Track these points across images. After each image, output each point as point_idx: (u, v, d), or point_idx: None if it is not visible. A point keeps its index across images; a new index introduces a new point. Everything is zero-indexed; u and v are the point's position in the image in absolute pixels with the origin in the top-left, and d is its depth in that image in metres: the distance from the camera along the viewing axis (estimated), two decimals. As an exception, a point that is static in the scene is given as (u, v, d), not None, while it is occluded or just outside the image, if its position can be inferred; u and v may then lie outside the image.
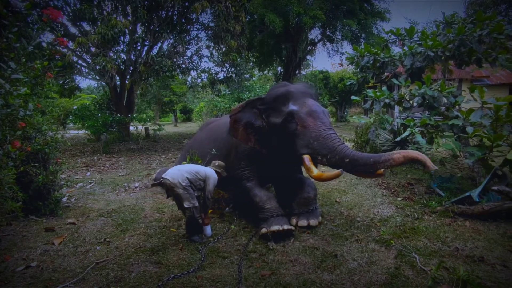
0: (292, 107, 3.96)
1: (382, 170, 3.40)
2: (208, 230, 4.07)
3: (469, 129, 4.56)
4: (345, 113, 23.94)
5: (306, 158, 3.80)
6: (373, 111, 7.58)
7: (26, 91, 3.00)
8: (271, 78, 29.47)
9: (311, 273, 3.13)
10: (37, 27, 3.18)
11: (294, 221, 4.17)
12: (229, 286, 2.92)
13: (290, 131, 3.91)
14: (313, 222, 4.16)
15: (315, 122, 3.86)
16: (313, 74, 26.69)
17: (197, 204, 3.83)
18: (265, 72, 28.96)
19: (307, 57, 25.83)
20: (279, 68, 26.59)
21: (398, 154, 3.36)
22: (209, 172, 4.03)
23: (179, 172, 3.87)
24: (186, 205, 3.78)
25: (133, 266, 3.31)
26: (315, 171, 3.70)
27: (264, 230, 3.83)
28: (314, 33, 22.93)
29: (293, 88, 4.21)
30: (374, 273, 3.10)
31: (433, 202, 4.76)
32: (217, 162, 4.32)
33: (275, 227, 3.77)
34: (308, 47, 23.49)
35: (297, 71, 23.62)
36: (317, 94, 4.57)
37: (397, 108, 8.12)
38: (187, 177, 3.83)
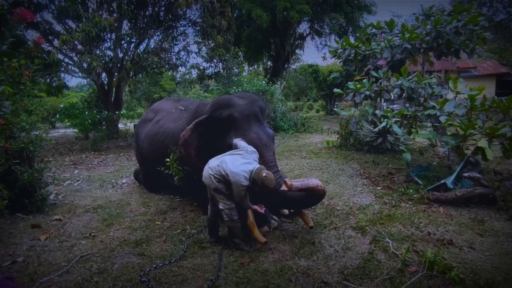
0: (232, 140, 3.77)
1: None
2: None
3: (442, 119, 4.72)
4: (335, 106, 24.11)
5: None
6: (362, 103, 7.74)
7: (6, 89, 3.05)
8: (261, 73, 29.48)
9: (289, 259, 3.26)
10: (8, 26, 3.22)
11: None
12: (208, 274, 3.04)
13: None
14: None
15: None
16: (303, 68, 26.79)
17: (233, 205, 3.46)
18: (254, 67, 28.97)
19: (296, 51, 25.91)
20: (268, 63, 26.65)
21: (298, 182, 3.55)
22: (231, 173, 3.28)
23: (206, 167, 3.51)
24: (221, 206, 3.45)
25: (117, 258, 3.41)
26: (250, 219, 3.50)
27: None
28: (303, 27, 23.02)
29: (237, 111, 3.89)
30: (349, 258, 3.25)
31: (411, 190, 4.92)
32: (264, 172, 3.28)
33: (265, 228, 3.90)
34: (297, 41, 23.59)
35: (286, 65, 23.73)
36: (264, 107, 4.28)
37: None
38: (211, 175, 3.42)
